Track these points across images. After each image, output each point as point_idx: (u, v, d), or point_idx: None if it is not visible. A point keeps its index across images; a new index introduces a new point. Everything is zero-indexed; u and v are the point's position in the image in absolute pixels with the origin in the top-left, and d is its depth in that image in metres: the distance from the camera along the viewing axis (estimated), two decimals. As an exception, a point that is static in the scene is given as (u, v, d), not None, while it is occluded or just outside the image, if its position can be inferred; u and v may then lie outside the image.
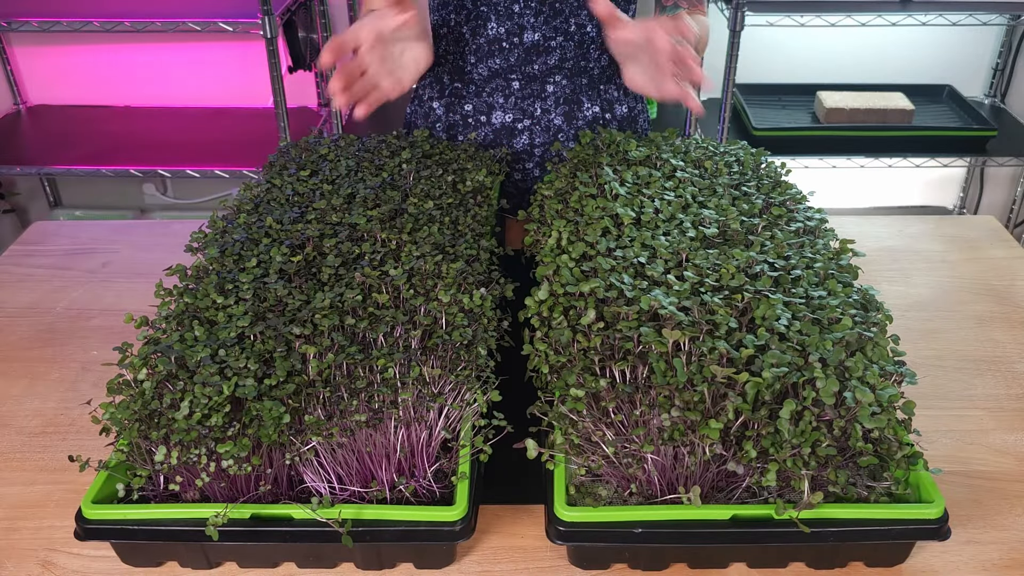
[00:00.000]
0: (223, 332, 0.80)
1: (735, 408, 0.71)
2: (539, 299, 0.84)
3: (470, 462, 0.77)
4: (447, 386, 0.79)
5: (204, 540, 0.72)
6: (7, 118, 2.48)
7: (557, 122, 1.30)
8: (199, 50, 2.48)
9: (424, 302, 0.85)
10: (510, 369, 0.88)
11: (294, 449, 0.75)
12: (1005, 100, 2.55)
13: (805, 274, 0.86)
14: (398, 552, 0.77)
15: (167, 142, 2.34)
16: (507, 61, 1.24)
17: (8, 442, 0.93)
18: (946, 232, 1.34)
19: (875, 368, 0.75)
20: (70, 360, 1.06)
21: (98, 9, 2.11)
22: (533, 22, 1.21)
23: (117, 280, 1.23)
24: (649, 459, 0.74)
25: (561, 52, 1.23)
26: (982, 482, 0.87)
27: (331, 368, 0.78)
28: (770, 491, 0.75)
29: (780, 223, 0.96)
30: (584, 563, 0.78)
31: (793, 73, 2.50)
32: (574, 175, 1.05)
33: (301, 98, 2.49)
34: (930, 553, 0.79)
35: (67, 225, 1.39)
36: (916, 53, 2.50)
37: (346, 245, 0.93)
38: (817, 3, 2.24)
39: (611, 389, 0.75)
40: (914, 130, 2.25)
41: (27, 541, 0.81)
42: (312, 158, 1.14)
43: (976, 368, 1.04)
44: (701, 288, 0.82)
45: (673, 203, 0.97)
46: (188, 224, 1.29)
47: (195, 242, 0.97)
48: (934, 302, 1.17)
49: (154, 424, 0.74)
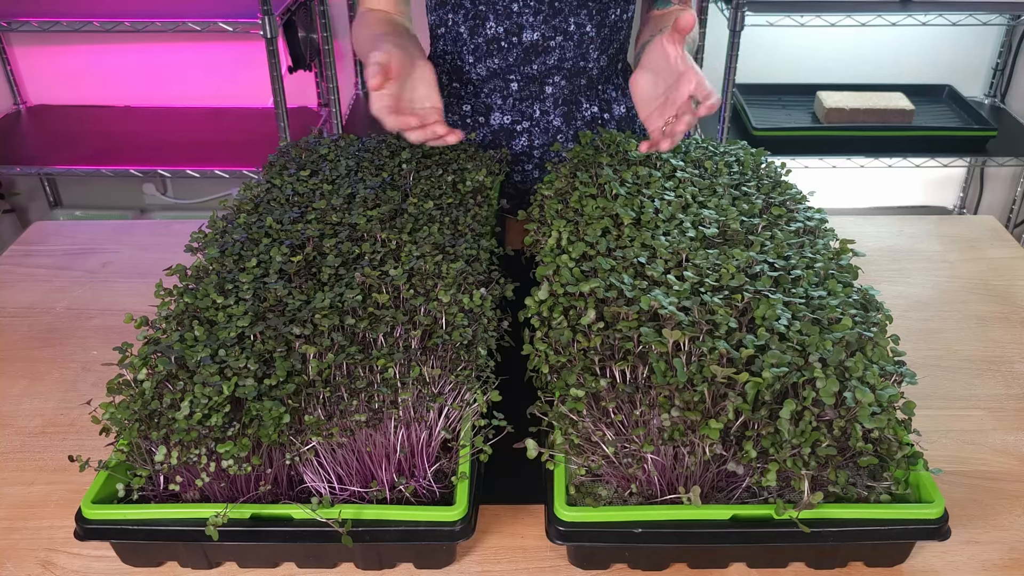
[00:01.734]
0: (223, 332, 0.80)
1: (735, 408, 0.71)
2: (539, 299, 0.84)
3: (470, 462, 0.77)
4: (447, 386, 0.79)
5: (204, 540, 0.72)
6: (7, 118, 2.48)
7: (556, 123, 1.30)
8: (199, 50, 2.48)
9: (424, 302, 0.85)
10: (510, 369, 0.88)
11: (294, 449, 0.75)
12: (1005, 100, 2.55)
13: (805, 274, 0.86)
14: (398, 552, 0.77)
15: (167, 142, 2.34)
16: (506, 61, 1.24)
17: (8, 442, 0.93)
18: (946, 232, 1.34)
19: (875, 368, 0.75)
20: (70, 360, 1.06)
21: (98, 9, 2.11)
22: (532, 21, 1.20)
23: (117, 280, 1.23)
24: (649, 459, 0.74)
25: (560, 52, 1.23)
26: (982, 482, 0.87)
27: (331, 368, 0.78)
28: (770, 491, 0.75)
29: (780, 223, 0.96)
30: (584, 563, 0.78)
31: (793, 73, 2.50)
32: (574, 175, 1.05)
33: (301, 98, 2.49)
34: (930, 553, 0.79)
35: (67, 225, 1.39)
36: (916, 53, 2.50)
37: (346, 245, 0.93)
38: (817, 3, 2.23)
39: (611, 389, 0.75)
40: (914, 130, 2.25)
41: (27, 541, 0.81)
42: (312, 158, 1.14)
43: (976, 368, 1.04)
44: (701, 288, 0.82)
45: (673, 203, 0.97)
46: (188, 224, 1.29)
47: (195, 242, 0.97)
48: (934, 302, 1.16)
49: (154, 424, 0.74)
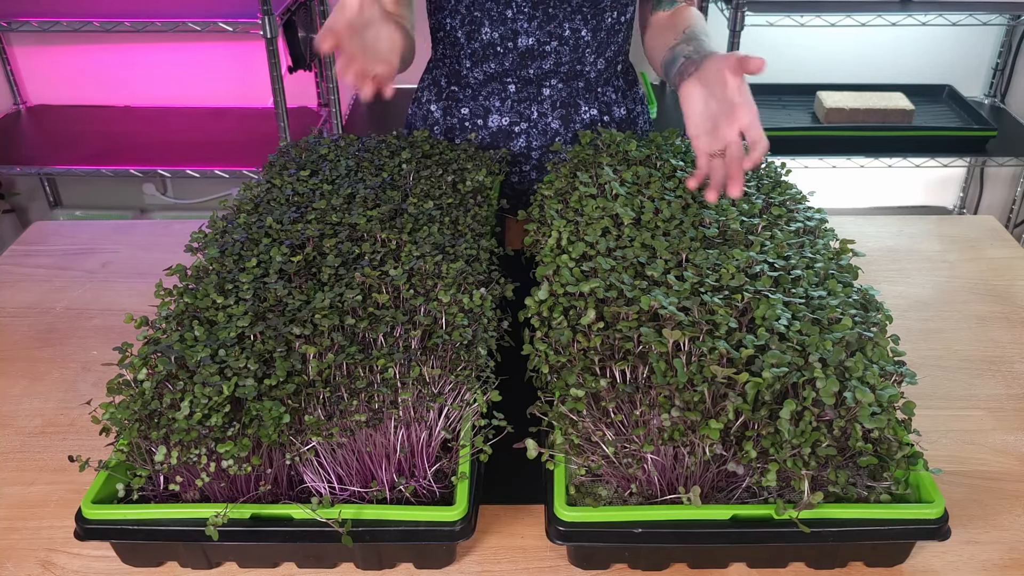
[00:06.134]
0: (223, 332, 0.80)
1: (735, 408, 0.71)
2: (539, 299, 0.84)
3: (470, 462, 0.77)
4: (447, 386, 0.79)
5: (204, 540, 0.72)
6: (7, 118, 2.48)
7: (554, 125, 1.30)
8: (199, 50, 2.48)
9: (424, 302, 0.85)
10: (510, 369, 0.88)
11: (294, 449, 0.75)
12: (1005, 100, 2.54)
13: (805, 274, 0.86)
14: (398, 552, 0.77)
15: (167, 142, 2.33)
16: (502, 65, 1.24)
17: (8, 442, 0.93)
18: (946, 232, 1.34)
19: (875, 368, 0.75)
20: (70, 360, 1.06)
21: (98, 9, 2.11)
22: (527, 27, 1.20)
23: (117, 280, 1.23)
24: (649, 459, 0.74)
25: (556, 57, 1.23)
26: (982, 482, 0.87)
27: (331, 368, 0.78)
28: (770, 491, 0.75)
29: (780, 223, 0.96)
30: (584, 563, 0.78)
31: (793, 73, 2.50)
32: (574, 175, 1.05)
33: (301, 98, 2.49)
34: (930, 553, 0.79)
35: (67, 225, 1.39)
36: (916, 53, 2.50)
37: (346, 245, 0.93)
38: (817, 3, 2.23)
39: (611, 389, 0.75)
40: (914, 130, 2.25)
41: (27, 541, 0.81)
42: (312, 158, 1.14)
43: (976, 368, 1.04)
44: (701, 288, 0.82)
45: (673, 203, 0.97)
46: (188, 224, 1.29)
47: (195, 242, 0.97)
48: (934, 302, 1.16)
49: (154, 424, 0.74)
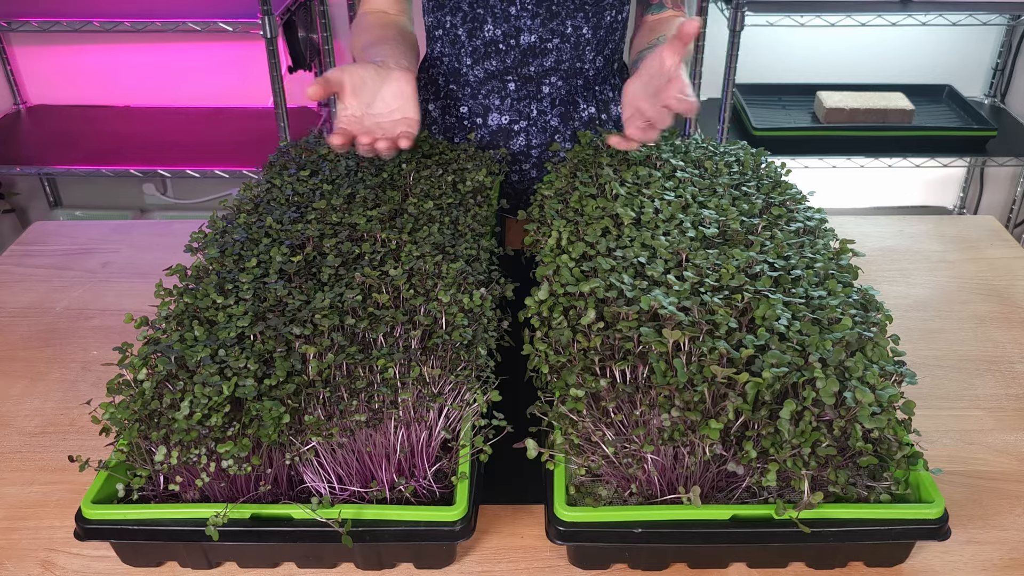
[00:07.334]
0: (223, 332, 0.80)
1: (735, 408, 0.71)
2: (539, 299, 0.84)
3: (470, 462, 0.77)
4: (447, 386, 0.79)
5: (204, 540, 0.72)
6: (7, 118, 2.48)
7: (553, 123, 1.30)
8: (199, 50, 2.48)
9: (424, 302, 0.85)
10: (510, 369, 0.88)
11: (294, 449, 0.75)
12: (1005, 100, 2.54)
13: (805, 274, 0.86)
14: (398, 552, 0.77)
15: (167, 142, 2.34)
16: (503, 63, 1.24)
17: (8, 442, 0.93)
18: (946, 232, 1.34)
19: (875, 368, 0.75)
20: (70, 360, 1.06)
21: (98, 9, 2.11)
22: (530, 24, 1.21)
23: (117, 280, 1.23)
24: (649, 459, 0.74)
25: (557, 54, 1.24)
26: (982, 482, 0.87)
27: (331, 368, 0.78)
28: (770, 491, 0.75)
29: (780, 223, 0.96)
30: (584, 563, 0.78)
31: (793, 73, 2.50)
32: (574, 175, 1.05)
33: (301, 98, 2.49)
34: (930, 553, 0.79)
35: (67, 225, 1.39)
36: (916, 53, 2.49)
37: (346, 245, 0.93)
38: (817, 3, 2.23)
39: (611, 389, 0.75)
40: (914, 130, 2.25)
41: (27, 541, 0.81)
42: (312, 158, 1.14)
43: (976, 368, 1.04)
44: (701, 288, 0.82)
45: (673, 203, 0.97)
46: (188, 224, 1.29)
47: (195, 242, 0.97)
48: (934, 302, 1.16)
49: (154, 424, 0.74)
